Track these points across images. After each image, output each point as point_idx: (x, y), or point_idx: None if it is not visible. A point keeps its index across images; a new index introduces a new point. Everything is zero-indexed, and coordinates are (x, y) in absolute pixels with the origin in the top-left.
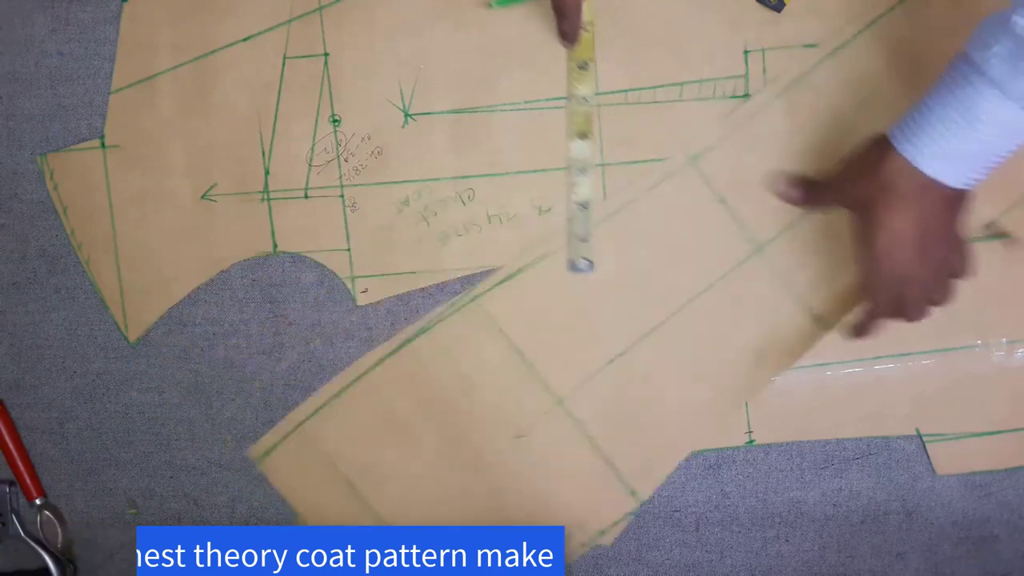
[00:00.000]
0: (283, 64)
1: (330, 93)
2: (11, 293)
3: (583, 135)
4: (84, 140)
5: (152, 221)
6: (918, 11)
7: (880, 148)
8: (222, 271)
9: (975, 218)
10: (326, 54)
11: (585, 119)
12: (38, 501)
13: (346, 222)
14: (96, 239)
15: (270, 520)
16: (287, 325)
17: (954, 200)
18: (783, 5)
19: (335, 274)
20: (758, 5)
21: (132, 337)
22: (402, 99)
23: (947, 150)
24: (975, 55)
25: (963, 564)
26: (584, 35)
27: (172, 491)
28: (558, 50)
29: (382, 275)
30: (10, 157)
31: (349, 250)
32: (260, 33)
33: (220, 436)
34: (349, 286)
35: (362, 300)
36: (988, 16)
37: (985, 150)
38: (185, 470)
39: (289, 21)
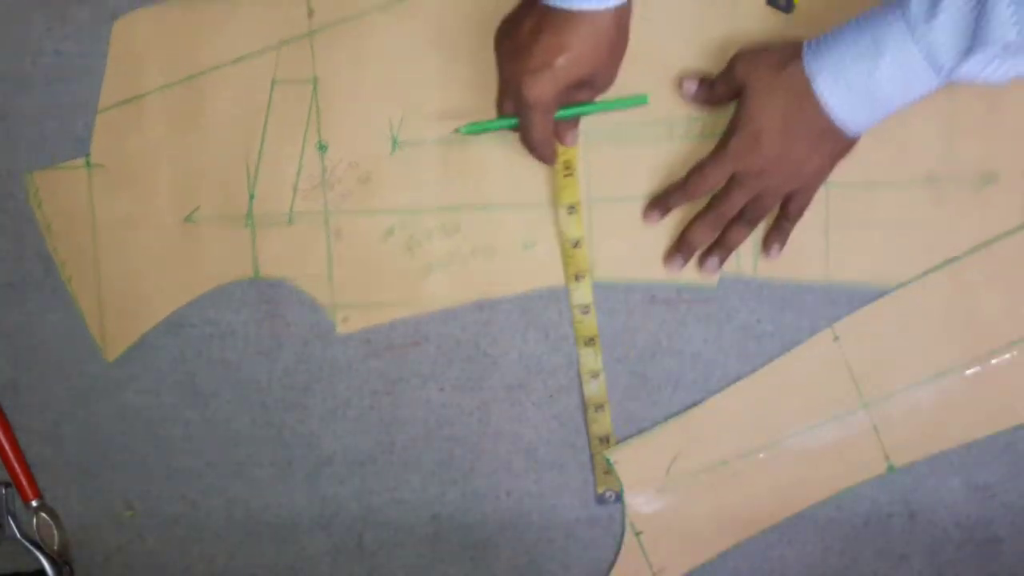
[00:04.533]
0: (272, 88)
1: (318, 118)
2: (7, 294)
3: (579, 276)
4: (80, 139)
5: (135, 241)
6: None
7: (792, 52)
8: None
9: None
10: (315, 79)
11: (583, 261)
12: (34, 503)
13: (329, 249)
14: (79, 257)
15: (267, 523)
16: (284, 326)
17: (830, 131)
18: (792, 7)
19: (315, 301)
20: (768, 7)
21: (110, 357)
22: (391, 126)
23: (846, 78)
24: None
25: (966, 567)
26: (567, 179)
27: (169, 493)
28: None
29: (363, 304)
30: (6, 157)
31: (331, 278)
32: (249, 56)
33: (216, 439)
34: (330, 314)
35: (342, 329)
36: None
37: (879, 92)
38: (182, 472)
39: (279, 45)
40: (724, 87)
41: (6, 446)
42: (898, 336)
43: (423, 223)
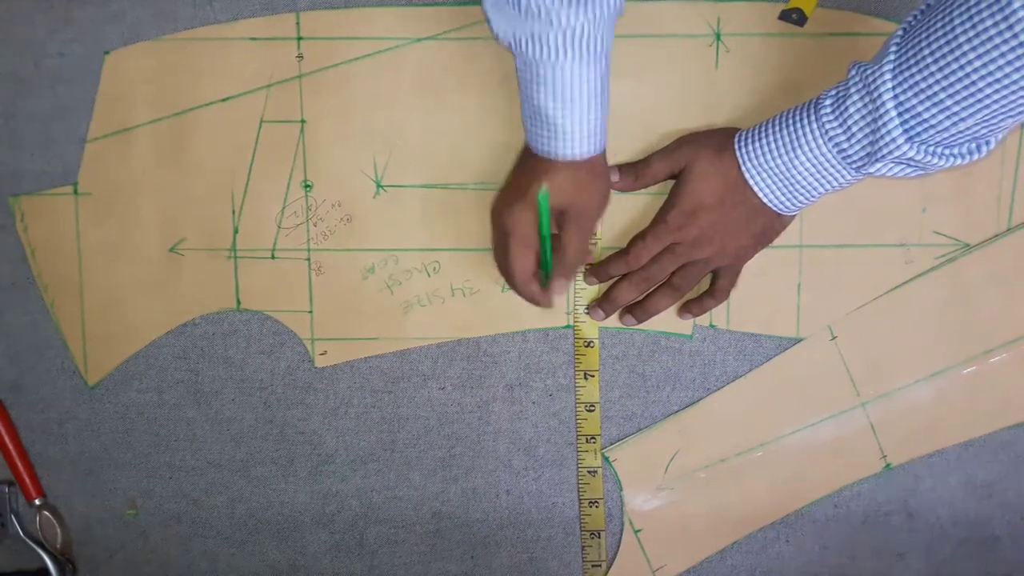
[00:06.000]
0: (259, 127)
1: (304, 159)
2: (10, 293)
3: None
4: (84, 141)
5: (119, 270)
6: None
7: (729, 138)
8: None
9: None
10: (303, 121)
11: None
12: (37, 501)
13: (310, 285)
14: (62, 283)
15: (269, 520)
16: (287, 324)
17: (762, 209)
18: (805, 20)
19: (296, 335)
20: (779, 21)
21: (91, 381)
22: (375, 170)
23: (768, 167)
24: (824, 92)
25: (964, 565)
26: (587, 348)
27: (171, 491)
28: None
29: (342, 339)
30: (10, 157)
31: (311, 312)
32: (239, 95)
33: (218, 437)
34: (309, 347)
35: (320, 362)
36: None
37: (800, 182)
38: (184, 470)
39: (268, 86)
40: (664, 166)
41: (9, 444)
42: (895, 335)
43: (404, 263)
